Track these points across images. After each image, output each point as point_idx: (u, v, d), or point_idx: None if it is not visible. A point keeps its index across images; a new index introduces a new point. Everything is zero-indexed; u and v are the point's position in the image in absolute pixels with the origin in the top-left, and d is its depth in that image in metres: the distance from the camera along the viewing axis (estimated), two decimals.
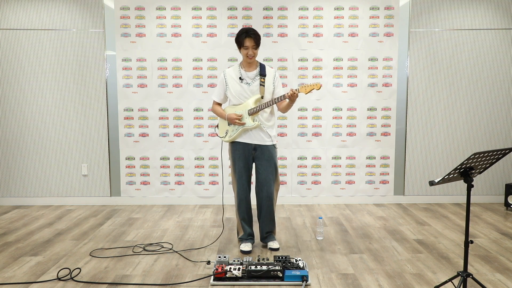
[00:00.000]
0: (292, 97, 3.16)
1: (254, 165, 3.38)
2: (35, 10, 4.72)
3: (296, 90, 3.16)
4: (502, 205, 4.83)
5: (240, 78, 3.29)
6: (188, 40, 4.76)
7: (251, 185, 3.45)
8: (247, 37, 3.19)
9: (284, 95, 3.18)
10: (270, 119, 3.33)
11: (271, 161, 3.32)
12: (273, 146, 3.33)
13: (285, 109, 3.36)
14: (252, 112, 3.22)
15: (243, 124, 3.24)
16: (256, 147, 3.29)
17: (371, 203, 4.93)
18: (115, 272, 2.97)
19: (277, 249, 3.41)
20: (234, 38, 3.28)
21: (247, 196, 3.39)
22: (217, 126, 3.47)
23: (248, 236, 3.43)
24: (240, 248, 3.35)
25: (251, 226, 3.47)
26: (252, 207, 3.48)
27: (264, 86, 3.27)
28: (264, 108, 3.22)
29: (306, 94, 3.25)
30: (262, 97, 3.27)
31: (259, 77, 3.29)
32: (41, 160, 4.88)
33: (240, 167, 3.32)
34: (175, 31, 4.75)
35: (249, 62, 3.28)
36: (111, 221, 4.22)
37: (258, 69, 3.32)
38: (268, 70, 3.33)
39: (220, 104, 3.44)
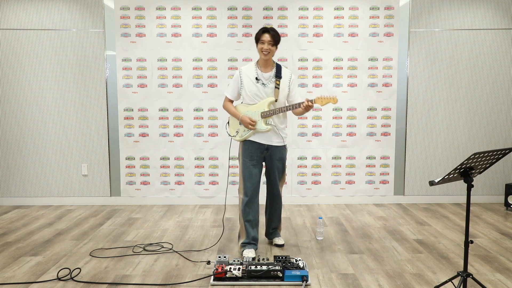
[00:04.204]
0: (307, 108, 3.15)
1: (264, 164, 3.36)
2: (35, 10, 4.72)
3: (311, 101, 3.14)
4: (502, 205, 4.83)
5: (256, 78, 3.23)
6: (188, 40, 4.76)
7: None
8: (265, 32, 3.18)
9: (299, 104, 3.17)
10: (283, 122, 3.32)
11: (282, 161, 3.35)
12: (284, 146, 3.34)
13: (299, 115, 3.36)
14: (265, 116, 3.18)
15: (254, 128, 3.20)
16: (268, 147, 3.27)
17: (371, 203, 4.93)
18: (115, 272, 2.97)
19: (282, 245, 3.45)
20: (254, 37, 3.26)
21: (256, 196, 3.31)
22: (228, 123, 3.41)
23: (251, 240, 3.29)
24: (243, 255, 3.18)
25: (256, 229, 3.33)
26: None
27: (278, 89, 3.22)
28: (278, 113, 3.19)
29: (322, 106, 3.23)
30: (276, 100, 3.22)
31: (274, 78, 3.24)
32: (41, 160, 4.88)
33: (251, 168, 3.25)
34: (175, 31, 4.75)
35: (264, 59, 3.21)
36: (111, 221, 4.22)
37: (274, 70, 3.26)
38: (284, 72, 3.28)
39: (232, 101, 3.37)
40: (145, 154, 4.88)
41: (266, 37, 3.16)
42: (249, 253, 3.20)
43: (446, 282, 2.55)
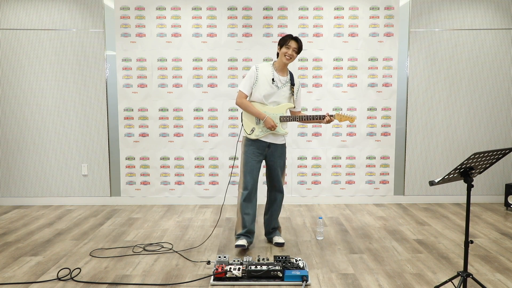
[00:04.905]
0: (328, 122, 3.32)
1: (264, 162, 3.49)
2: (35, 10, 4.72)
3: (332, 116, 3.32)
4: (502, 205, 4.83)
5: (272, 79, 3.31)
6: (188, 40, 4.76)
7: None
8: (293, 40, 3.28)
9: (320, 116, 3.33)
10: (286, 123, 3.43)
11: (282, 158, 3.47)
12: (284, 144, 3.48)
13: (306, 123, 3.51)
14: (284, 120, 3.32)
15: (274, 130, 3.32)
16: (270, 145, 3.39)
17: (371, 203, 4.93)
18: (115, 272, 2.97)
19: (282, 244, 3.46)
20: (279, 40, 3.33)
21: (255, 191, 3.42)
22: (242, 120, 3.42)
23: (246, 233, 3.37)
24: (236, 243, 3.30)
25: (253, 224, 3.42)
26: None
27: (293, 95, 3.39)
28: (297, 121, 3.37)
29: (340, 122, 3.46)
30: (294, 107, 3.41)
31: (289, 84, 3.37)
32: (41, 160, 4.88)
33: (253, 163, 3.36)
34: (175, 31, 4.75)
35: (284, 63, 3.31)
36: (111, 221, 4.22)
37: (288, 76, 3.40)
38: (295, 81, 3.44)
39: (246, 97, 3.35)
40: (145, 154, 4.88)
41: (293, 44, 3.28)
42: (241, 241, 3.29)
43: (446, 282, 2.55)
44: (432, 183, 2.39)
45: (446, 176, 2.36)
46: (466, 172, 2.36)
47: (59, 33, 4.75)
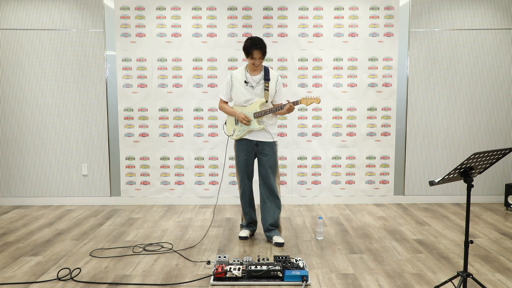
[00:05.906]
0: (289, 110, 3.37)
1: (256, 160, 3.61)
2: (35, 10, 4.72)
3: (294, 103, 3.36)
4: (502, 205, 4.83)
5: (245, 81, 3.47)
6: (188, 40, 4.76)
7: (253, 180, 3.68)
8: (256, 49, 3.36)
9: (281, 106, 3.40)
10: (271, 118, 3.54)
11: (272, 156, 3.52)
12: (274, 143, 3.53)
13: (281, 115, 3.58)
14: (258, 116, 3.43)
15: (249, 124, 3.44)
16: (258, 143, 3.50)
17: (371, 203, 4.93)
18: (115, 272, 2.97)
19: (282, 244, 3.46)
20: (242, 46, 3.45)
21: (249, 187, 3.63)
22: (225, 123, 3.66)
23: (249, 224, 3.69)
24: (239, 235, 3.66)
25: (254, 213, 3.71)
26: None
27: (268, 90, 3.46)
28: (268, 114, 3.44)
29: (307, 106, 3.55)
30: (266, 101, 3.46)
31: (263, 81, 3.47)
32: (41, 160, 4.88)
33: (243, 162, 3.55)
34: (175, 31, 4.75)
35: (254, 69, 3.48)
36: (111, 221, 4.22)
37: (262, 73, 3.50)
38: (271, 75, 3.51)
39: (226, 103, 3.63)
40: (145, 154, 4.88)
41: (257, 54, 3.39)
42: (243, 233, 3.65)
43: (446, 282, 2.55)
44: (432, 183, 2.39)
45: (446, 176, 2.36)
46: (466, 172, 2.36)
47: (59, 33, 4.75)
